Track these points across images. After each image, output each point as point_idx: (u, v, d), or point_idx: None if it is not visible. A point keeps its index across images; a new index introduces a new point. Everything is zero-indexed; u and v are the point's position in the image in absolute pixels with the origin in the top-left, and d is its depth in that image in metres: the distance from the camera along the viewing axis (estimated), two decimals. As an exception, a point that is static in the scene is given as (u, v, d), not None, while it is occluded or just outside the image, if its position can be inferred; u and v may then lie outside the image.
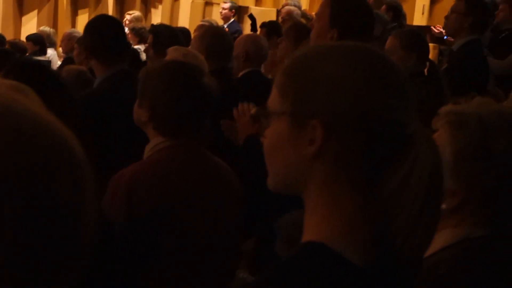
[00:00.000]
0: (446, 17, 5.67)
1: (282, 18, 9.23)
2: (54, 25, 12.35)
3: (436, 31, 8.34)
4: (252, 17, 9.58)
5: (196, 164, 2.94)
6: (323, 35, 3.28)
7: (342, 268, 1.33)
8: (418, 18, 11.74)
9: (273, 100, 1.43)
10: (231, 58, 5.16)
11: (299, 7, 10.46)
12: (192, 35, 6.40)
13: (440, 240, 1.84)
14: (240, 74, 5.31)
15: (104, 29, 4.25)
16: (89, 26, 4.38)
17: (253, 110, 3.44)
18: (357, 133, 1.35)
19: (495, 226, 1.85)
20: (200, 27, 6.82)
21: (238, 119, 3.49)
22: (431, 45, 5.78)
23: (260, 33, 8.22)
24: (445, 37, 7.98)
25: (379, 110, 1.36)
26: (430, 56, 6.06)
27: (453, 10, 5.57)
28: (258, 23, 9.20)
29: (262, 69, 5.71)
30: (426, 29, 8.60)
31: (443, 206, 1.81)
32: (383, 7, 8.33)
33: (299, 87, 1.39)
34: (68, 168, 0.96)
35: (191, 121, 2.92)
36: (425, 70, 5.13)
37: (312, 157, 1.37)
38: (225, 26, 10.28)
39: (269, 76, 5.51)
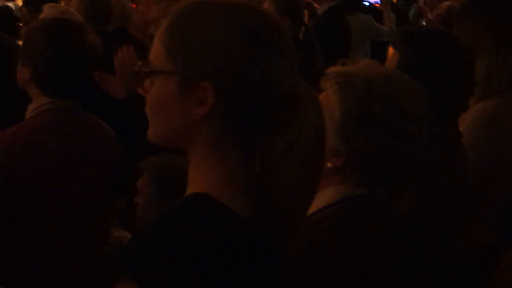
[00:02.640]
0: None
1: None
2: None
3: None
4: None
5: (77, 128, 2.91)
6: None
7: (227, 216, 1.38)
8: None
9: (159, 58, 1.44)
10: (110, 21, 5.08)
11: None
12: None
13: (325, 197, 1.89)
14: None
15: None
16: None
17: (136, 67, 3.39)
18: (244, 94, 1.39)
19: (375, 185, 1.91)
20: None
21: (119, 73, 3.46)
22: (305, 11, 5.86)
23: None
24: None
25: (265, 71, 1.40)
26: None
27: None
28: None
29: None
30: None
31: (329, 164, 1.89)
32: None
33: (188, 48, 1.41)
34: None
35: (75, 80, 2.88)
36: (300, 34, 5.22)
37: (201, 117, 1.40)
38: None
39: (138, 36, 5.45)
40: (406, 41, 2.49)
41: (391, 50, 2.56)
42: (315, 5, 7.10)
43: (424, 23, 8.45)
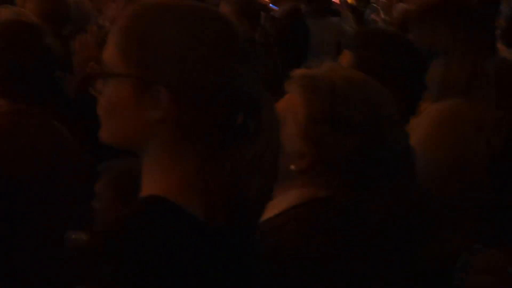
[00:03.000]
0: None
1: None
2: None
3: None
4: None
5: (29, 132, 2.88)
6: None
7: (184, 219, 1.37)
8: None
9: (113, 59, 1.43)
10: (67, 23, 5.03)
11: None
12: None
13: (288, 199, 1.91)
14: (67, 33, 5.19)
15: None
16: None
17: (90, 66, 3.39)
18: (201, 99, 1.38)
19: (339, 188, 1.92)
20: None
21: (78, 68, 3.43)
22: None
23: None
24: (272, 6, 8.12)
25: (223, 77, 1.39)
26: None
27: None
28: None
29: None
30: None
31: (292, 167, 1.90)
32: None
33: (143, 51, 1.39)
34: None
35: (31, 83, 2.85)
36: (257, 36, 5.23)
37: (155, 121, 1.39)
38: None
39: None
40: (360, 43, 2.50)
41: (344, 52, 2.57)
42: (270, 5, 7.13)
43: (379, 25, 8.52)
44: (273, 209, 1.90)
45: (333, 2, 8.15)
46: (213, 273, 1.39)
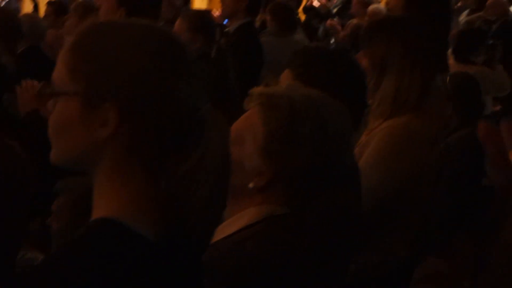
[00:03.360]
0: (223, 1, 5.83)
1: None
2: None
3: (218, 14, 8.51)
4: None
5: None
6: (111, 14, 3.32)
7: (134, 241, 1.36)
8: (198, 2, 12.12)
9: (61, 78, 1.41)
10: (20, 40, 4.99)
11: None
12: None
13: (246, 217, 1.92)
14: (19, 50, 5.16)
15: None
16: None
17: (37, 87, 3.38)
18: (149, 116, 1.38)
19: (297, 204, 1.93)
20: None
21: (21, 95, 3.41)
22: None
23: (47, 11, 8.01)
24: (225, 22, 8.16)
25: (169, 94, 1.39)
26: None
27: None
28: (44, 2, 8.96)
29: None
30: (206, 12, 8.73)
31: (250, 185, 1.90)
32: None
33: (91, 68, 1.39)
34: None
35: None
36: (212, 52, 5.23)
37: (105, 139, 1.38)
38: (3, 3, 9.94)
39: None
40: (302, 61, 2.51)
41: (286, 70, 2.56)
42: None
43: (332, 42, 8.58)
44: (232, 226, 1.91)
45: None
46: None
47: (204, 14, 5.55)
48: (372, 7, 7.26)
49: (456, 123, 4.39)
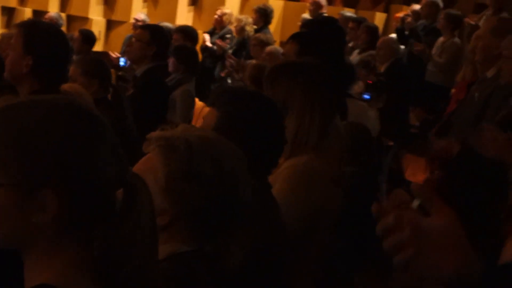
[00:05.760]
0: (129, 45, 5.88)
1: None
2: None
3: (114, 56, 8.50)
4: None
5: None
6: (18, 62, 3.32)
7: None
8: (184, 16, 12.28)
9: None
10: None
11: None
12: None
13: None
14: None
15: None
16: None
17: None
18: (82, 191, 1.41)
19: (201, 241, 1.99)
20: None
21: None
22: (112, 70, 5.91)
23: None
24: (122, 64, 8.16)
25: (96, 166, 1.42)
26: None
27: (137, 39, 5.90)
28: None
29: None
30: (103, 54, 8.72)
31: (154, 224, 1.94)
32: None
33: (19, 157, 1.39)
34: None
35: None
36: (109, 95, 5.24)
37: (44, 222, 1.40)
38: None
39: None
40: (225, 101, 2.57)
41: (207, 108, 2.62)
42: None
43: (229, 82, 8.64)
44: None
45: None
46: None
47: (99, 59, 5.58)
48: (269, 48, 7.34)
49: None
